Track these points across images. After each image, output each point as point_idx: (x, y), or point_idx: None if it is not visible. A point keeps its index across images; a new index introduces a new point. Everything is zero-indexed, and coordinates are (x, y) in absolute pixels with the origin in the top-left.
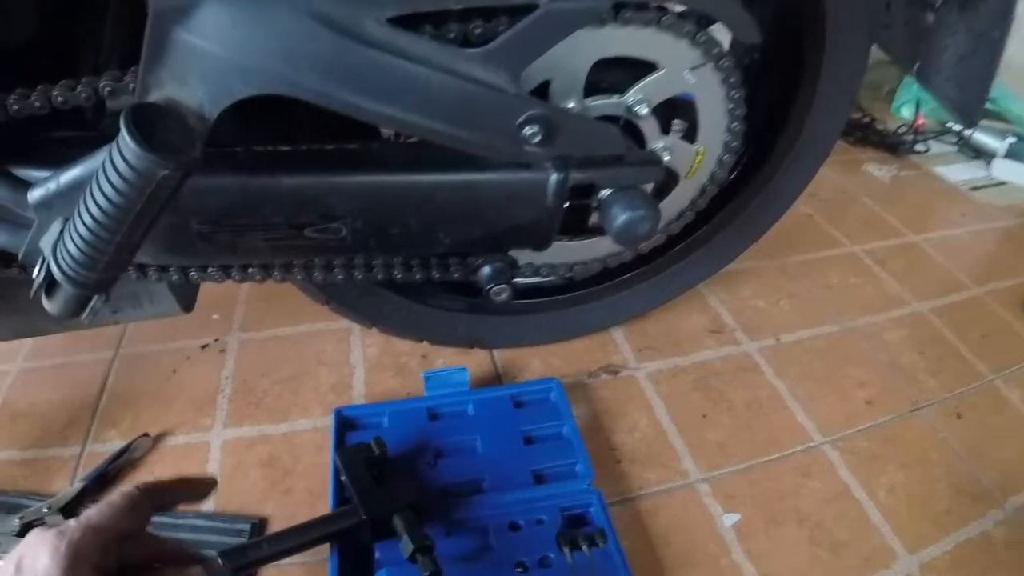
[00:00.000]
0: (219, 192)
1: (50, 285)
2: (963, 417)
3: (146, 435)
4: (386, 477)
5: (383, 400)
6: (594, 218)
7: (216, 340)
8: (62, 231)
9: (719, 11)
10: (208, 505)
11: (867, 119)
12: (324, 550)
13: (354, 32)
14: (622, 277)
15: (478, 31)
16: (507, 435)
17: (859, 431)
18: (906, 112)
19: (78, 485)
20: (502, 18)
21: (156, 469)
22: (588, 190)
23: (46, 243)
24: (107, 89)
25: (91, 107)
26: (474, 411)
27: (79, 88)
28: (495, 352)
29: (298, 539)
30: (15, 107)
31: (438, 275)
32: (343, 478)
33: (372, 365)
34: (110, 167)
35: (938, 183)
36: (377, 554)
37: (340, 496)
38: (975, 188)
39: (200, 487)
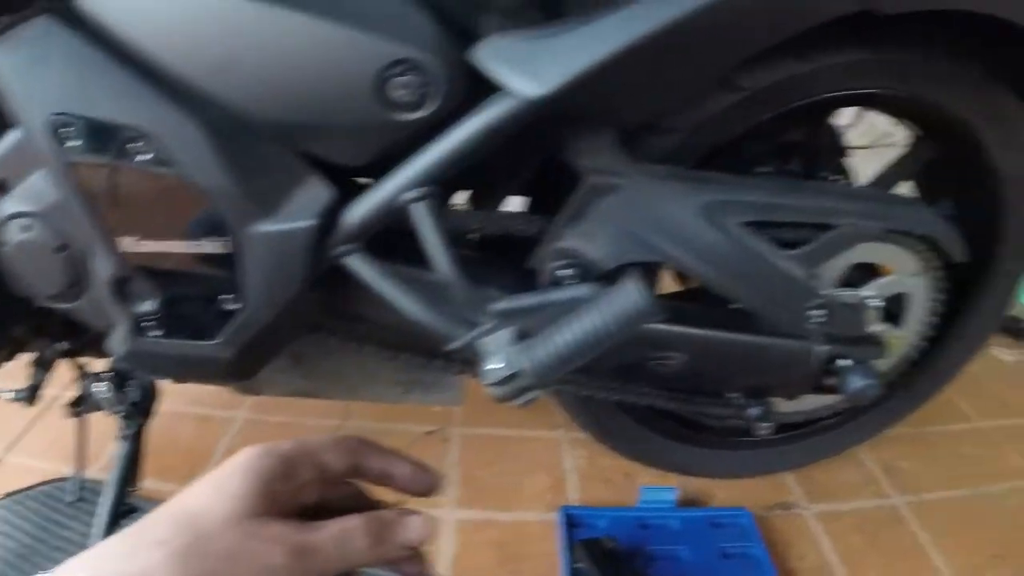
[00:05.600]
0: None
1: (506, 377)
2: None
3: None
4: (615, 569)
5: (592, 504)
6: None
7: (439, 429)
8: (527, 340)
9: (945, 238)
10: (444, 571)
11: None
12: None
13: (722, 227)
14: (804, 429)
15: (788, 235)
16: (708, 549)
17: None
18: None
19: None
20: (805, 229)
21: None
22: (832, 358)
23: (492, 343)
24: (519, 228)
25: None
26: (678, 526)
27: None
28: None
29: None
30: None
31: (712, 409)
32: (578, 565)
33: (582, 474)
34: (608, 309)
35: None
36: None
37: None
38: None
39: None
